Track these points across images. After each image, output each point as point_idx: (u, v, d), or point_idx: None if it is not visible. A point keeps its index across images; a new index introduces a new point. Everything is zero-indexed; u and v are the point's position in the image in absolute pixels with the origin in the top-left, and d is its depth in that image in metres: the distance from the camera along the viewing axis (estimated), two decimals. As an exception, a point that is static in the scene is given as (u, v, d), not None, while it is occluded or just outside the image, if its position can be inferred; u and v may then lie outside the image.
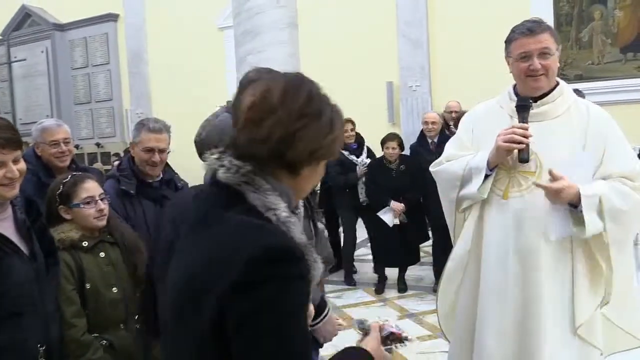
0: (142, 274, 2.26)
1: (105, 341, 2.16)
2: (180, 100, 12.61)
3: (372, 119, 8.85)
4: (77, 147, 14.24)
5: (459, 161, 2.25)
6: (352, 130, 6.62)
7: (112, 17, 14.72)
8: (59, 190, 2.26)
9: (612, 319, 2.18)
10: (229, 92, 12.17)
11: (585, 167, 2.09)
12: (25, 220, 1.85)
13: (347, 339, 1.67)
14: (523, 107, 2.13)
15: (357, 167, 6.14)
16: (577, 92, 6.13)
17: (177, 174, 3.00)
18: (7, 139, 1.69)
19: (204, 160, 1.22)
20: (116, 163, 11.03)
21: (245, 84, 1.14)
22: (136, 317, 2.27)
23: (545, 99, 2.17)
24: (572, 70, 9.17)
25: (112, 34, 14.84)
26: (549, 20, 9.22)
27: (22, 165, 1.78)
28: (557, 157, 2.09)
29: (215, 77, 12.34)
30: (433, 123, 5.89)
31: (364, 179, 6.07)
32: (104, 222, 2.30)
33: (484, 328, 2.13)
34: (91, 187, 2.29)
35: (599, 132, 2.13)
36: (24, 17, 15.75)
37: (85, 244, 2.23)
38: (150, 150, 2.78)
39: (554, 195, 2.01)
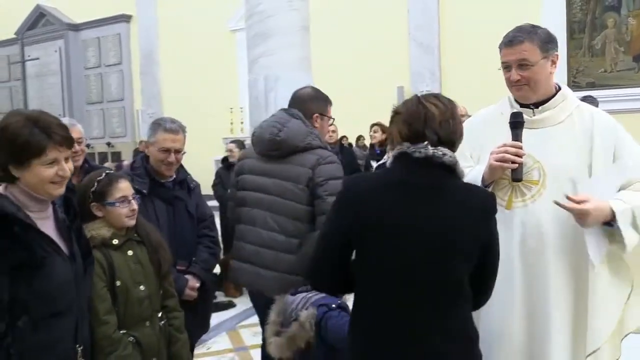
0: (166, 272, 2.37)
1: (132, 337, 2.19)
2: (191, 101, 12.67)
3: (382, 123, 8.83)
4: (88, 146, 14.32)
5: None
6: (377, 132, 6.66)
7: (125, 18, 14.84)
8: (93, 188, 2.26)
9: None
10: (240, 94, 12.26)
11: (607, 180, 2.02)
12: (65, 220, 1.84)
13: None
14: (516, 124, 2.05)
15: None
16: (591, 98, 6.13)
17: (189, 174, 3.01)
18: (64, 137, 1.70)
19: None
20: (125, 163, 11.10)
21: (417, 99, 1.81)
22: (159, 314, 2.33)
23: (546, 105, 2.12)
24: (584, 77, 9.13)
25: (125, 35, 14.96)
26: (561, 28, 9.20)
27: (71, 164, 1.79)
28: (560, 163, 2.04)
29: (226, 79, 12.40)
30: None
31: None
32: (134, 222, 2.31)
33: (490, 343, 2.07)
34: (125, 187, 2.31)
35: (607, 137, 2.08)
36: (38, 17, 15.92)
37: (115, 241, 2.24)
38: (167, 150, 2.75)
39: (593, 221, 1.92)
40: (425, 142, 1.66)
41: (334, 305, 2.10)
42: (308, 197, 2.49)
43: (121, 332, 2.16)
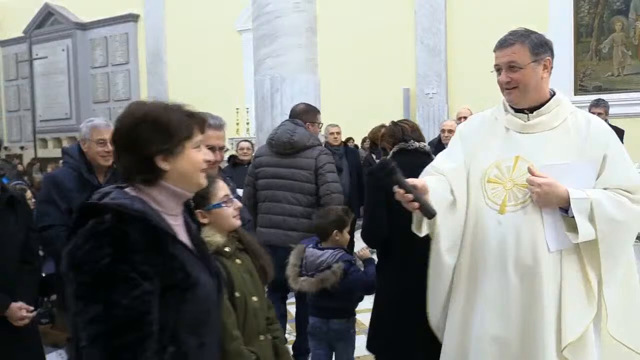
0: (272, 280, 2.20)
1: (253, 354, 1.98)
2: (197, 101, 12.64)
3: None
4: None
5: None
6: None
7: (132, 18, 14.90)
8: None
9: (613, 334, 2.08)
10: (246, 94, 12.29)
11: (582, 176, 2.04)
12: (196, 228, 1.63)
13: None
14: (388, 173, 1.97)
15: None
16: (603, 102, 6.10)
17: (228, 176, 2.82)
18: (201, 119, 1.54)
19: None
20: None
21: (392, 123, 2.82)
22: (269, 327, 2.15)
23: (540, 110, 2.12)
24: (592, 81, 9.10)
25: (132, 34, 15.02)
26: (568, 32, 9.17)
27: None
28: (551, 164, 2.04)
29: (232, 79, 12.42)
30: (450, 131, 5.87)
31: None
32: (240, 221, 2.11)
33: (484, 347, 2.04)
34: (224, 185, 2.10)
35: (599, 143, 2.07)
36: (47, 16, 16.00)
37: (227, 249, 2.04)
38: (211, 148, 2.49)
39: (542, 197, 1.97)
40: (412, 141, 2.81)
41: (353, 262, 2.97)
42: (314, 178, 3.57)
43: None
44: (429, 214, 1.95)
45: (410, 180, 1.97)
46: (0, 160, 12.57)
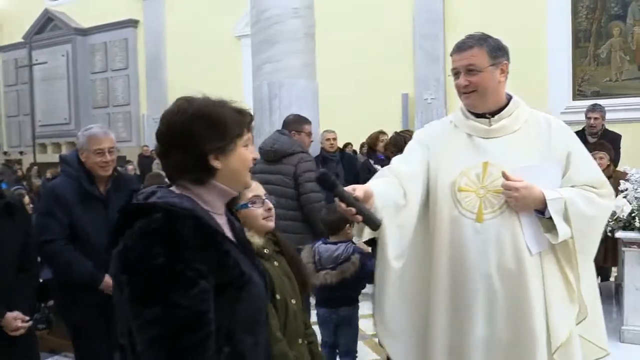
0: (309, 283, 2.15)
1: (296, 358, 1.95)
2: (197, 106, 12.71)
3: (387, 130, 8.84)
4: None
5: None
6: (388, 141, 6.73)
7: (132, 23, 14.93)
8: None
9: (583, 334, 2.11)
10: (246, 99, 12.25)
11: (550, 176, 2.05)
12: (239, 227, 1.58)
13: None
14: (326, 186, 1.91)
15: None
16: (598, 106, 6.11)
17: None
18: (250, 116, 1.49)
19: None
20: (130, 167, 11.12)
21: (395, 133, 3.12)
22: (305, 331, 2.12)
23: (501, 114, 2.12)
24: (590, 86, 9.12)
25: (132, 40, 15.05)
26: (566, 37, 9.20)
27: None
28: (521, 167, 2.04)
29: (231, 85, 12.41)
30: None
31: None
32: (273, 223, 2.06)
33: (478, 349, 2.03)
34: (255, 186, 2.02)
35: (562, 142, 2.10)
36: (47, 21, 16.03)
37: (266, 251, 2.01)
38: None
39: (521, 201, 1.97)
40: None
41: (364, 252, 3.20)
42: (294, 183, 3.74)
43: None
44: (374, 224, 1.86)
45: (352, 187, 1.89)
46: (1, 165, 12.56)
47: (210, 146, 1.36)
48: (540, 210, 2.00)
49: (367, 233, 2.02)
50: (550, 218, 1.97)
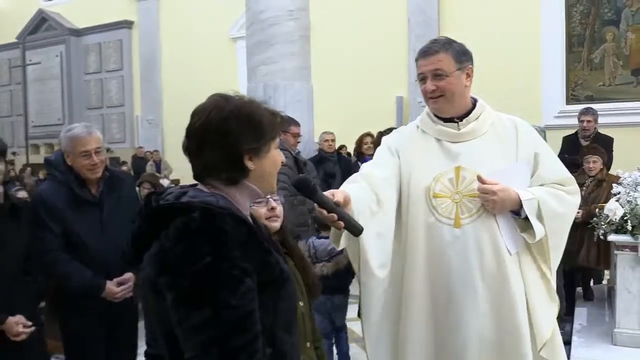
0: (317, 287, 2.09)
1: None
2: (191, 107, 12.61)
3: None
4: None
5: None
6: (372, 142, 6.81)
7: (126, 24, 14.89)
8: None
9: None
10: (240, 101, 12.25)
11: (520, 176, 2.09)
12: (264, 226, 1.55)
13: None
14: (305, 192, 1.80)
15: None
16: (591, 110, 6.13)
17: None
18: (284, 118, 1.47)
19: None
20: (124, 169, 11.08)
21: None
22: (314, 335, 2.07)
23: (469, 117, 2.13)
24: (583, 91, 9.16)
25: (126, 41, 15.00)
26: (560, 41, 9.24)
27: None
28: (495, 171, 2.06)
29: (226, 86, 12.34)
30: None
31: None
32: (277, 224, 2.00)
33: (466, 347, 2.01)
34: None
35: (529, 143, 2.13)
36: (41, 21, 15.97)
37: None
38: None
39: (499, 204, 1.98)
40: None
41: None
42: None
43: None
44: (356, 230, 1.79)
45: (330, 192, 1.84)
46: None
47: (247, 146, 1.33)
48: (515, 211, 2.03)
49: (344, 241, 1.99)
50: (526, 218, 2.00)
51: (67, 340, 2.81)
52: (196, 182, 1.39)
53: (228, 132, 1.33)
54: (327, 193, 1.82)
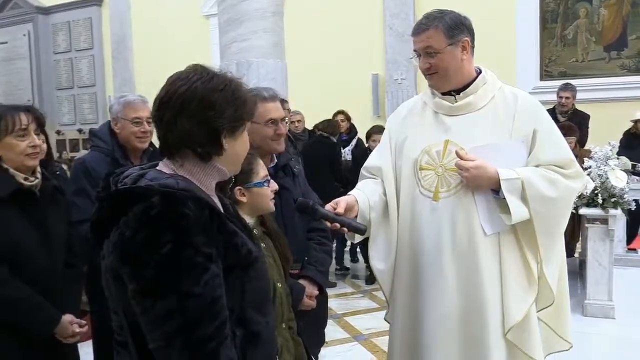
0: (291, 260, 2.09)
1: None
2: (165, 87, 12.48)
3: (357, 110, 8.81)
4: (58, 132, 14.06)
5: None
6: (343, 121, 6.83)
7: (96, 2, 14.49)
8: None
9: (546, 320, 2.10)
10: (214, 80, 12.08)
11: (512, 154, 2.00)
12: (230, 205, 1.51)
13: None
14: (305, 213, 2.03)
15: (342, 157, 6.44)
16: (570, 86, 6.15)
17: (293, 157, 2.60)
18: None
19: None
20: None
21: None
22: (289, 315, 2.06)
23: (467, 91, 2.09)
24: (556, 67, 9.22)
25: (96, 19, 14.61)
26: (534, 18, 9.26)
27: None
28: (479, 146, 2.02)
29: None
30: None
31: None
32: (273, 206, 2.01)
33: (432, 329, 2.04)
34: (263, 166, 1.98)
35: (528, 118, 2.04)
36: (6, 0, 15.46)
37: (256, 231, 1.90)
38: (274, 121, 2.28)
39: (471, 181, 1.96)
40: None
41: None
42: None
43: None
44: (360, 231, 2.03)
45: (334, 202, 2.00)
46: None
47: (227, 123, 1.28)
48: (497, 190, 1.98)
49: (358, 236, 2.12)
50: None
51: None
52: (156, 162, 1.34)
53: (212, 104, 1.27)
54: (332, 203, 2.00)
